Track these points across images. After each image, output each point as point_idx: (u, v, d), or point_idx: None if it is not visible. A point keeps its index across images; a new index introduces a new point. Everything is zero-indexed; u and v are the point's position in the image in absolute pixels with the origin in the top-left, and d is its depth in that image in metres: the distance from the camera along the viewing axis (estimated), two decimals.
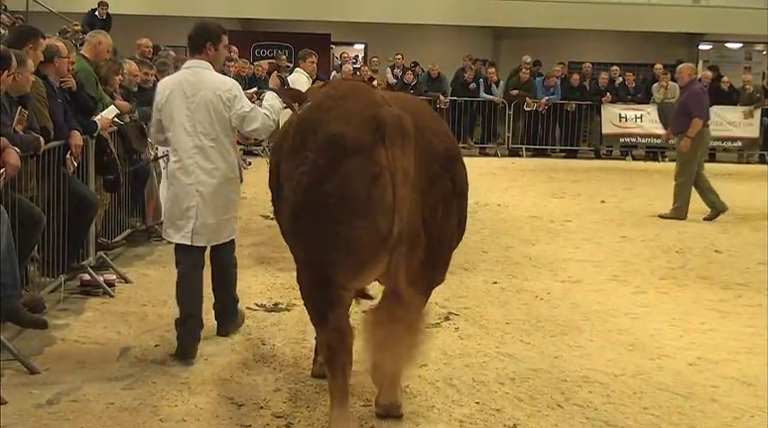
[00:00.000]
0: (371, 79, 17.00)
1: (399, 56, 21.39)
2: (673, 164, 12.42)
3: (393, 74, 20.70)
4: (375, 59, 21.90)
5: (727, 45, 25.32)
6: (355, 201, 4.08)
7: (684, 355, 6.01)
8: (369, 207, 4.07)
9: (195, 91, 5.66)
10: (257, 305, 7.07)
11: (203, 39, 5.73)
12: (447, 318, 6.82)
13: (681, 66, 12.37)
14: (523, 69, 19.94)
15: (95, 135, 7.58)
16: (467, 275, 8.27)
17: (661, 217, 11.52)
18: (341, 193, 4.09)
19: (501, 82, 20.36)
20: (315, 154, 4.20)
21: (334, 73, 21.59)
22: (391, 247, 4.03)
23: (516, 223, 11.18)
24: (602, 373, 5.66)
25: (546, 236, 10.38)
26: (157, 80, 8.28)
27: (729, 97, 19.92)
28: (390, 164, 4.06)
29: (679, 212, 11.48)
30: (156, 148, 8.91)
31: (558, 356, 6.00)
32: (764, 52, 26.02)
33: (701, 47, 25.57)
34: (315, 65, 9.88)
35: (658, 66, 20.53)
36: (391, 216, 4.02)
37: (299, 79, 9.16)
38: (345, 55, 22.14)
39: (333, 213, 4.10)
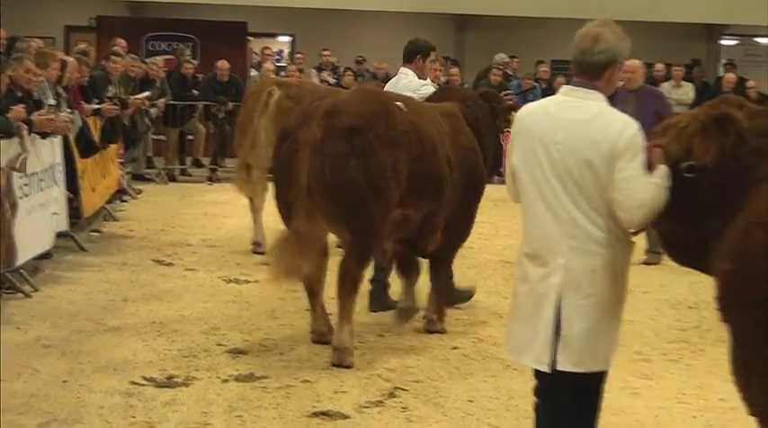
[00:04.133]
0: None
1: (327, 52, 21.52)
2: None
3: (320, 76, 20.79)
4: (300, 56, 22.01)
5: (757, 40, 25.79)
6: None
7: None
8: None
9: None
10: (145, 378, 7.04)
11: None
12: (392, 395, 6.86)
13: (631, 62, 11.60)
14: (494, 70, 20.16)
15: None
16: (419, 339, 8.35)
17: (646, 264, 11.38)
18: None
19: (466, 85, 20.55)
20: None
21: (252, 72, 21.66)
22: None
23: (483, 270, 11.28)
24: None
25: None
26: None
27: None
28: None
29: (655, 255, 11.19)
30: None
31: None
32: None
33: (722, 42, 26.08)
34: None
35: (659, 65, 20.81)
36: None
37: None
38: (267, 50, 22.19)
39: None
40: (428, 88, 9.24)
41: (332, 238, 8.43)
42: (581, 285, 4.67)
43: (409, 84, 9.23)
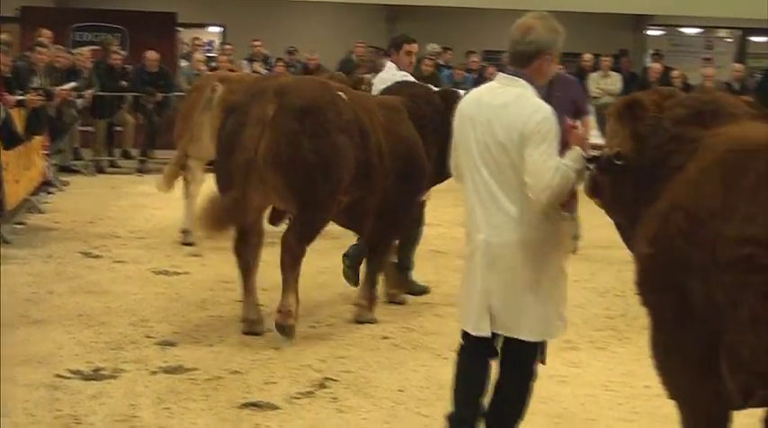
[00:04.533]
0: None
1: (258, 43, 21.44)
2: None
3: (251, 66, 20.71)
4: (230, 47, 21.88)
5: (683, 30, 26.11)
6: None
7: None
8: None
9: None
10: (71, 371, 6.97)
11: None
12: (322, 386, 6.86)
13: None
14: (426, 60, 20.18)
15: None
16: (350, 329, 8.37)
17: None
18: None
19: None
20: None
21: (182, 62, 21.51)
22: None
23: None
24: None
25: (452, 276, 10.47)
26: None
27: None
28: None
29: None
30: None
31: None
32: (729, 39, 26.92)
33: (648, 32, 26.36)
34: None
35: (587, 56, 21.03)
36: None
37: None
38: (197, 41, 22.04)
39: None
40: (407, 79, 9.49)
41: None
42: (500, 260, 5.06)
43: (393, 77, 9.55)
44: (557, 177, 4.85)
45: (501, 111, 4.99)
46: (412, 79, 9.68)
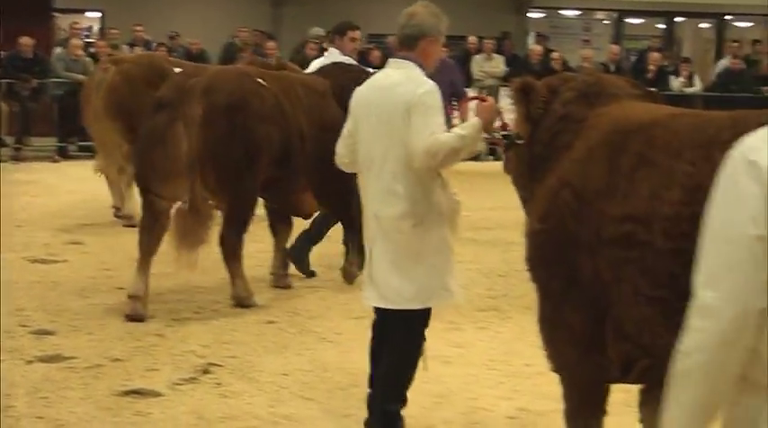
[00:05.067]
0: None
1: (140, 28, 21.16)
2: (493, 164, 12.79)
3: (132, 52, 20.42)
4: (115, 32, 21.54)
5: (563, 13, 26.46)
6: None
7: (504, 407, 6.23)
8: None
9: None
10: None
11: None
12: (206, 371, 6.82)
13: None
14: (310, 44, 20.10)
15: None
16: (234, 314, 8.32)
17: None
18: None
19: (283, 60, 20.47)
20: None
21: (57, 49, 21.08)
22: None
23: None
24: None
25: (339, 260, 10.50)
26: None
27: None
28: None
29: None
30: None
31: (349, 415, 6.09)
32: (606, 21, 27.38)
33: (530, 15, 26.66)
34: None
35: (472, 38, 21.22)
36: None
37: None
38: (76, 25, 21.62)
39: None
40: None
41: None
42: (387, 232, 5.36)
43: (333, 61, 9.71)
44: (436, 143, 5.13)
45: (391, 90, 5.32)
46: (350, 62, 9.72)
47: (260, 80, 8.61)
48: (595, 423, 4.53)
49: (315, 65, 10.15)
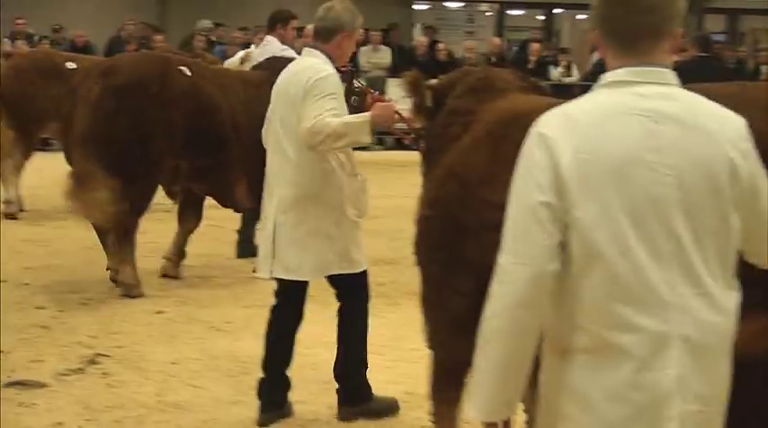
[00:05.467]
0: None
1: (22, 20, 20.71)
2: (381, 154, 12.86)
3: (14, 45, 19.97)
4: None
5: (447, 5, 26.61)
6: None
7: (392, 391, 6.23)
8: None
9: None
10: None
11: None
12: (93, 362, 6.71)
13: (311, 27, 11.93)
14: (198, 37, 19.91)
15: None
16: (122, 304, 8.21)
17: None
18: None
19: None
20: None
21: None
22: None
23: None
24: (290, 419, 5.81)
25: (230, 249, 10.41)
26: None
27: (448, 68, 20.95)
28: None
29: None
30: None
31: (238, 401, 6.06)
32: (489, 13, 27.61)
33: (415, 7, 26.77)
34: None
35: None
36: None
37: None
38: None
39: None
40: (288, 52, 9.40)
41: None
42: (289, 209, 5.60)
43: (272, 50, 9.72)
44: (319, 124, 5.32)
45: (296, 75, 5.60)
46: (292, 54, 9.43)
47: (182, 68, 8.69)
48: (456, 402, 4.69)
49: (255, 54, 10.17)
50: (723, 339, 2.69)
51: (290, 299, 5.85)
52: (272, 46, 9.82)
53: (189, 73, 8.67)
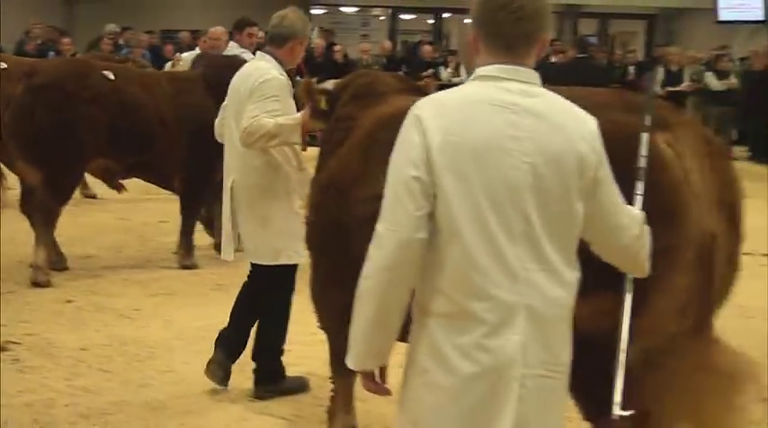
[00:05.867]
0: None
1: None
2: None
3: None
4: None
5: (343, 10, 26.57)
6: None
7: (291, 372, 6.10)
8: None
9: None
10: None
11: None
12: (3, 349, 6.52)
13: (215, 30, 11.88)
14: (105, 40, 19.58)
15: None
16: (33, 294, 8.01)
17: None
18: None
19: (78, 55, 19.84)
20: None
21: None
22: None
23: (100, 227, 10.94)
24: (197, 399, 5.74)
25: (137, 241, 10.27)
26: None
27: (344, 68, 20.82)
28: None
29: None
30: None
31: (146, 385, 6.00)
32: (382, 17, 27.65)
33: (312, 11, 26.68)
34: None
35: (260, 34, 21.07)
36: None
37: None
38: None
39: None
40: (245, 55, 9.31)
41: None
42: (241, 197, 5.74)
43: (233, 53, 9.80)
44: (254, 125, 5.43)
45: (246, 77, 5.69)
46: (249, 56, 9.31)
47: (105, 72, 8.77)
48: (353, 379, 4.83)
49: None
50: (564, 310, 2.86)
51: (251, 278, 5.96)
52: (231, 50, 9.99)
53: (112, 76, 8.74)
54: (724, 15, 24.82)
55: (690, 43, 23.39)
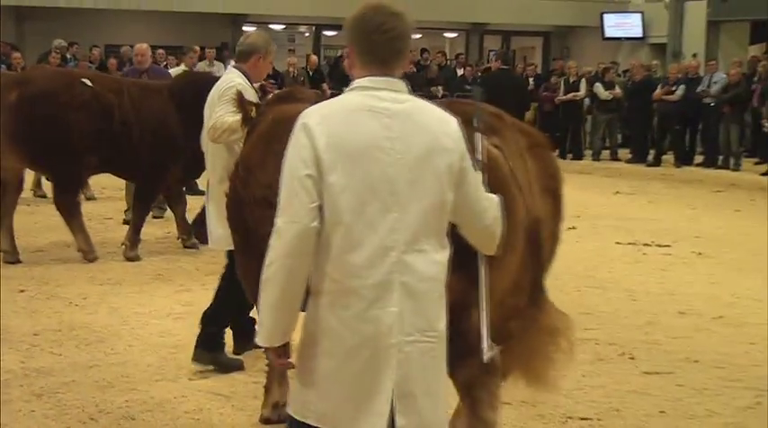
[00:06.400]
0: None
1: None
2: None
3: None
4: None
5: (272, 27, 26.53)
6: None
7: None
8: None
9: None
10: None
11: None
12: None
13: (139, 46, 11.65)
14: (53, 53, 19.28)
15: None
16: None
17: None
18: None
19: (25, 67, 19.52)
20: None
21: None
22: None
23: (51, 224, 10.77)
24: (141, 379, 5.73)
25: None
26: None
27: (274, 80, 20.81)
28: None
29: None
30: None
31: (94, 365, 5.99)
32: (307, 34, 27.69)
33: (244, 28, 26.57)
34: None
35: (197, 48, 20.98)
36: None
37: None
38: None
39: None
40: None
41: None
42: (214, 192, 5.76)
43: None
44: (218, 121, 5.61)
45: (216, 87, 5.88)
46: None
47: (84, 80, 8.94)
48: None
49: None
50: (436, 284, 3.02)
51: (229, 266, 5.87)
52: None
53: (90, 84, 8.90)
54: (609, 33, 25.61)
55: (581, 58, 23.84)
